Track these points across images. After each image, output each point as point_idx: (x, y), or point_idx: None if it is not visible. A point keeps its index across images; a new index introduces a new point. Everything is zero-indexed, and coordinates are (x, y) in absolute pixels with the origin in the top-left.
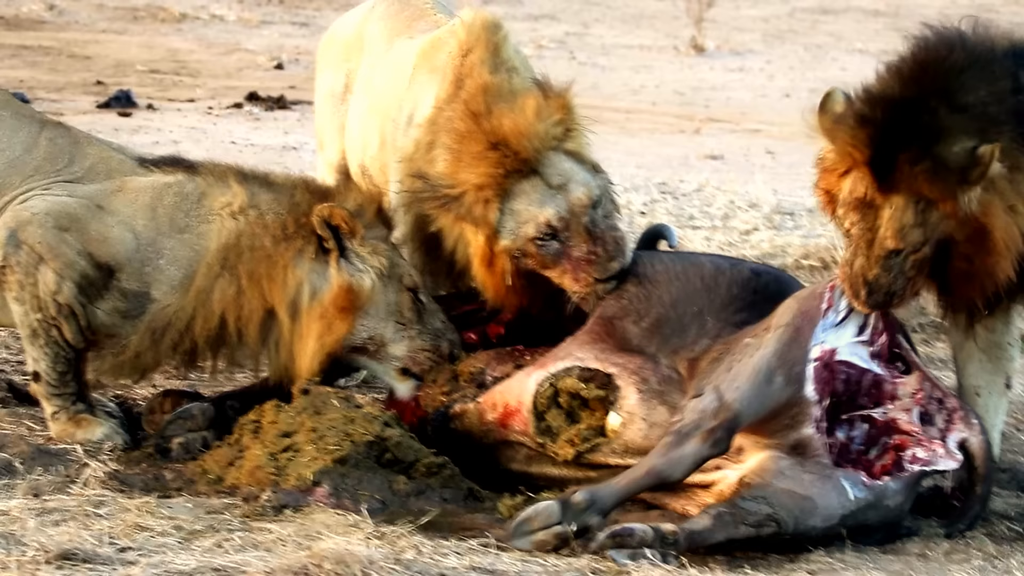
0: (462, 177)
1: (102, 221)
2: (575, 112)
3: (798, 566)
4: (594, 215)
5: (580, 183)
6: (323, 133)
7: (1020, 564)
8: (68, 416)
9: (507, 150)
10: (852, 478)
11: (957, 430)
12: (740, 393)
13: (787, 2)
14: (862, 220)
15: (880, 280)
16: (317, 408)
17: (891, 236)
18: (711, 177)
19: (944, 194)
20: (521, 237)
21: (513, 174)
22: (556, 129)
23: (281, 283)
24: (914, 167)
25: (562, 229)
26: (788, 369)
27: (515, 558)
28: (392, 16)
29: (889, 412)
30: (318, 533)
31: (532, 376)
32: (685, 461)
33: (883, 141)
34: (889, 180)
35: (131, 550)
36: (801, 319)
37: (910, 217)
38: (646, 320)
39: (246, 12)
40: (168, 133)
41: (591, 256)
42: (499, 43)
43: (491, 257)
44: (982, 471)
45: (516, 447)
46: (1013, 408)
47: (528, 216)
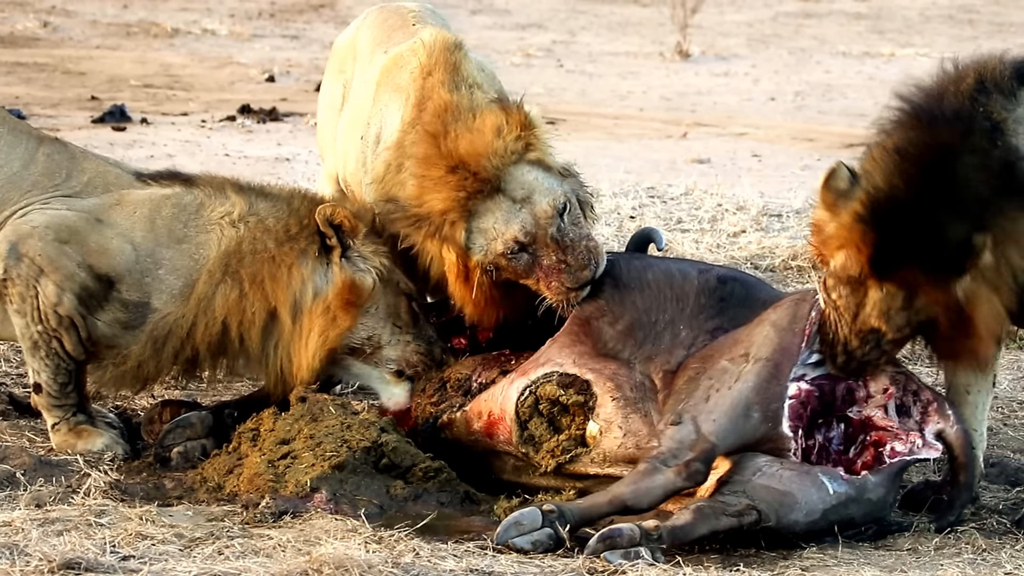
0: (427, 201)
1: (101, 233)
2: (536, 123)
3: (791, 563)
4: (561, 224)
5: (544, 193)
6: (323, 144)
7: (1010, 557)
8: (69, 427)
9: (466, 171)
10: (830, 473)
11: (933, 421)
12: (717, 426)
13: (770, 6)
14: (851, 295)
15: (857, 353)
16: (314, 415)
17: (876, 317)
18: (698, 181)
19: (937, 285)
20: (491, 253)
21: (475, 195)
22: (516, 144)
23: (285, 283)
24: (912, 267)
25: (530, 243)
26: (765, 406)
27: (512, 560)
28: (379, 25)
29: (864, 411)
30: (317, 539)
31: (514, 384)
32: (655, 492)
33: (885, 245)
34: (886, 274)
35: (133, 558)
36: (781, 355)
37: (898, 302)
38: (620, 323)
39: (238, 26)
40: (163, 147)
41: (560, 265)
42: (458, 62)
43: (466, 272)
44: (962, 460)
45: (504, 457)
46: (999, 403)
47: (495, 233)
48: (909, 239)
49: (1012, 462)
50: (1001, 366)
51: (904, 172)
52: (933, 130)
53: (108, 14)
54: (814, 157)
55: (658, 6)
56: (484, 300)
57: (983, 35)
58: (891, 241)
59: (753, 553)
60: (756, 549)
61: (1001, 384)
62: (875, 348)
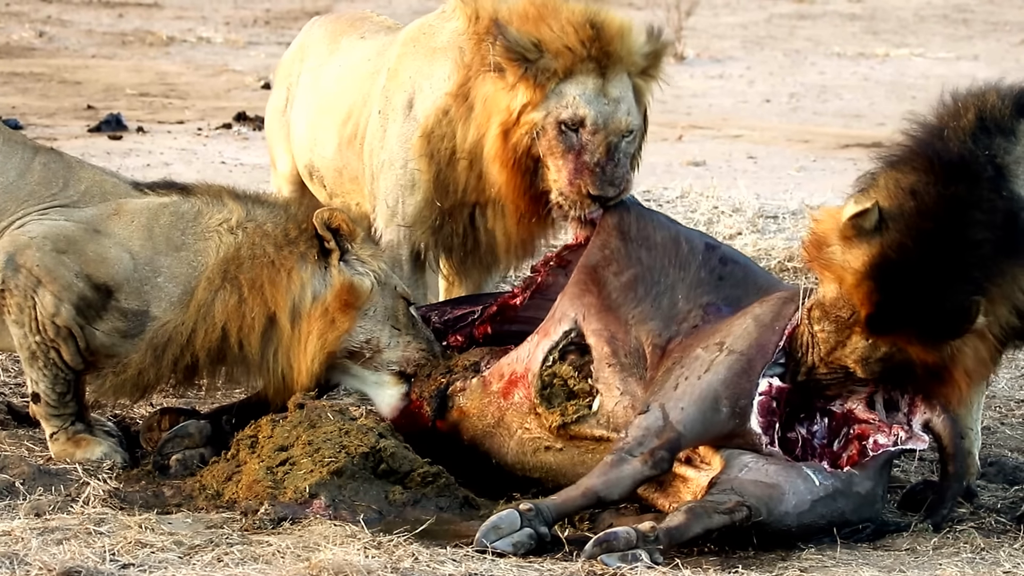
0: (545, 36)
1: (99, 243)
2: (661, 63)
3: (790, 564)
4: (620, 141)
5: (629, 111)
6: (273, 149)
7: (1008, 556)
8: (67, 436)
9: (601, 35)
10: (814, 467)
11: (920, 412)
12: (685, 416)
13: (765, 8)
14: (834, 333)
15: (821, 380)
16: (312, 421)
17: (853, 361)
18: (694, 183)
19: (928, 348)
20: (552, 116)
21: (588, 61)
22: (644, 61)
23: (284, 287)
24: (908, 332)
25: (591, 131)
26: (734, 401)
27: (511, 564)
28: (332, 22)
29: (846, 404)
30: (316, 544)
31: (540, 346)
32: (624, 482)
33: (888, 307)
34: (880, 333)
35: (133, 566)
36: (756, 351)
37: (879, 354)
38: (625, 275)
39: (233, 34)
40: (159, 155)
41: (596, 168)
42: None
43: (513, 125)
44: (950, 450)
45: (508, 432)
46: (997, 402)
47: (571, 103)
48: (913, 305)
49: (1010, 461)
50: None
51: (919, 230)
52: (946, 180)
53: (103, 23)
54: (809, 158)
55: (653, 8)
56: (512, 163)
57: (978, 35)
58: (894, 303)
59: (752, 555)
60: (754, 551)
61: (999, 383)
62: (840, 380)
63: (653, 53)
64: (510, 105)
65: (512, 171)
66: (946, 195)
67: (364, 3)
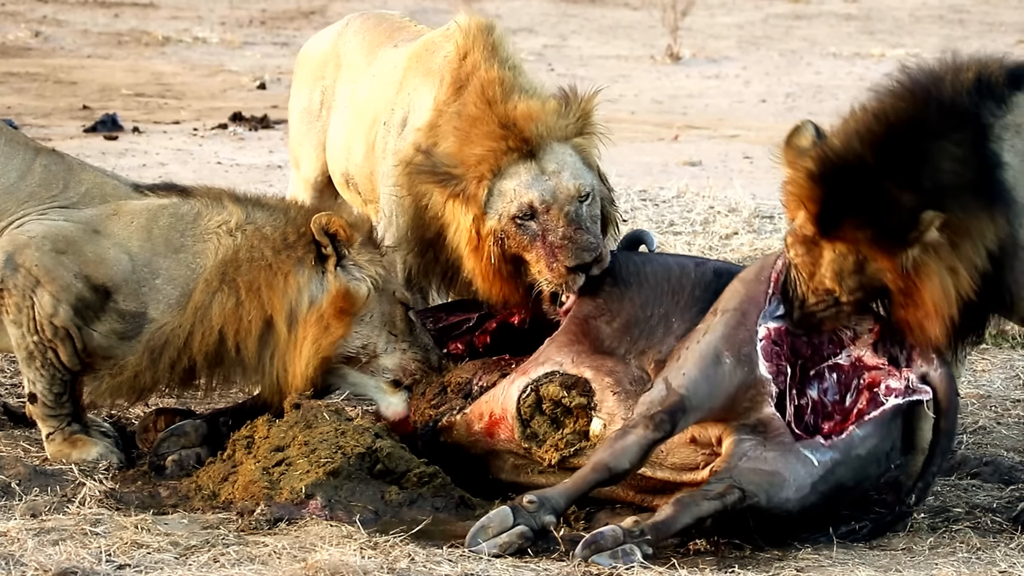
0: (465, 152)
1: (98, 244)
2: (593, 119)
3: (786, 563)
4: (579, 207)
5: (574, 175)
6: (298, 150)
7: (1004, 556)
8: (64, 437)
9: (514, 130)
10: (812, 445)
11: (917, 365)
12: (686, 378)
13: (761, 9)
14: (807, 255)
15: (814, 310)
16: (308, 422)
17: (829, 278)
18: (690, 183)
19: (883, 253)
20: (504, 217)
21: (511, 152)
22: (568, 127)
23: (281, 291)
24: (857, 231)
25: (542, 212)
26: (736, 351)
27: (507, 564)
28: (369, 30)
29: (853, 352)
30: (313, 545)
31: (515, 383)
32: (630, 450)
33: (831, 203)
34: (832, 234)
35: (129, 567)
36: (748, 303)
37: (849, 265)
38: (618, 320)
39: (228, 34)
40: (155, 155)
41: (565, 241)
42: (496, 43)
43: (477, 240)
44: (945, 404)
45: (504, 457)
46: (993, 402)
47: (513, 196)
48: (854, 200)
49: (1006, 461)
50: (994, 365)
51: (869, 133)
52: (923, 108)
53: (99, 23)
54: None
55: (648, 9)
56: (493, 273)
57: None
58: (836, 199)
59: (748, 554)
60: (751, 550)
61: (994, 383)
62: (832, 307)
63: (579, 116)
64: (466, 223)
65: (497, 281)
66: (914, 116)
67: (360, 4)
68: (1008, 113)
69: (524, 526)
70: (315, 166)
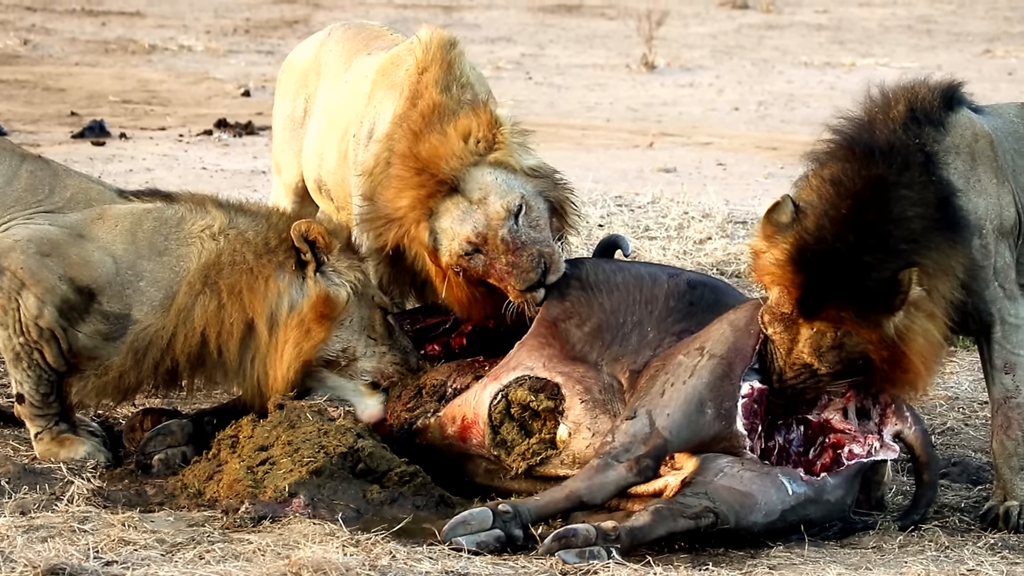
0: (396, 201)
1: (82, 247)
2: (503, 123)
3: (759, 562)
4: (514, 225)
5: (500, 194)
6: (281, 157)
7: (972, 554)
8: (52, 436)
9: (428, 173)
10: (790, 474)
11: (891, 423)
12: (671, 421)
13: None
14: (784, 332)
15: (794, 384)
16: (292, 422)
17: (808, 353)
18: (665, 189)
19: (868, 327)
20: (453, 254)
21: (434, 195)
22: (477, 146)
23: (262, 295)
24: (840, 311)
25: (481, 243)
26: (719, 403)
27: (486, 562)
28: (349, 39)
29: (823, 414)
30: (296, 542)
31: (487, 388)
32: (608, 487)
33: (812, 288)
34: (813, 315)
35: (116, 563)
36: (734, 355)
37: (828, 341)
38: (588, 324)
39: (213, 42)
40: (141, 161)
41: (510, 268)
42: (453, 59)
43: (443, 275)
44: (923, 460)
45: (477, 461)
46: (961, 404)
47: (452, 234)
48: (836, 280)
49: (973, 461)
50: (962, 368)
51: (837, 210)
52: (869, 163)
53: (87, 32)
54: (777, 165)
55: (624, 19)
56: (465, 298)
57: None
58: (818, 282)
59: (722, 552)
60: (724, 548)
61: (962, 385)
62: (810, 379)
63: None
64: (428, 262)
65: (475, 304)
66: (867, 176)
67: (342, 13)
68: (947, 135)
69: (500, 531)
70: (296, 173)
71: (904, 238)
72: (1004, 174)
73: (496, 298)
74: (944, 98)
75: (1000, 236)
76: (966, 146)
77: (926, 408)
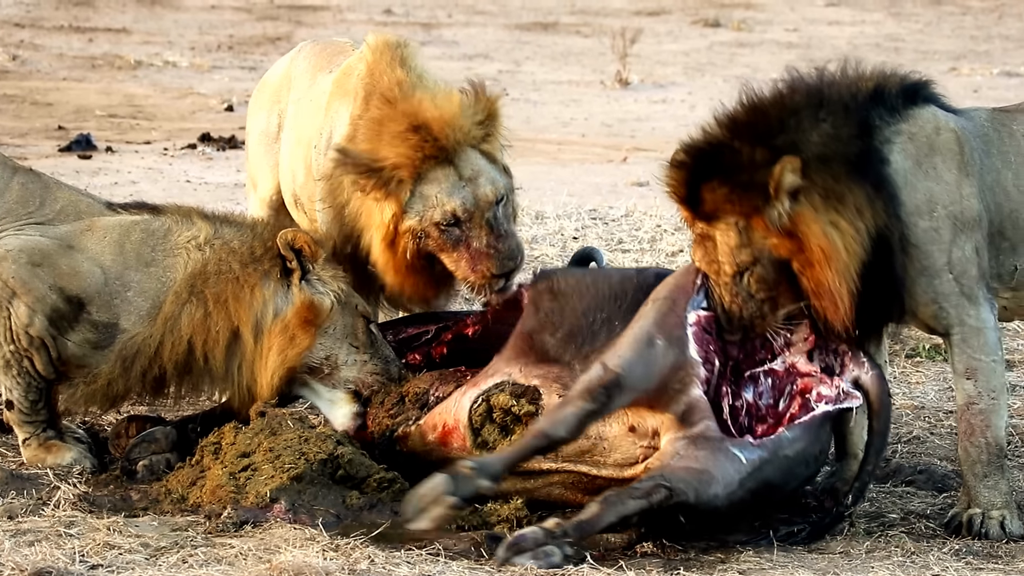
0: (382, 153)
1: (72, 257)
2: (499, 117)
3: (729, 567)
4: (497, 212)
5: (489, 180)
6: (256, 171)
7: (937, 559)
8: (39, 442)
9: (428, 135)
10: (740, 443)
11: (849, 370)
12: (622, 359)
13: (706, 37)
14: (705, 254)
15: (733, 307)
16: (273, 429)
17: (725, 261)
18: (638, 203)
19: (750, 210)
20: (427, 220)
21: (430, 159)
22: (478, 129)
23: (247, 303)
24: (715, 193)
25: (466, 219)
26: (668, 333)
27: (463, 566)
28: (315, 55)
29: (787, 359)
30: (277, 547)
31: (467, 395)
32: (568, 419)
33: (690, 180)
34: (701, 211)
35: (102, 567)
36: (677, 292)
37: (733, 239)
38: (561, 331)
39: (198, 58)
40: (127, 174)
41: (489, 250)
42: (404, 56)
43: (394, 236)
44: (876, 407)
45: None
46: (927, 413)
47: (436, 202)
48: (709, 168)
49: (939, 469)
50: (928, 378)
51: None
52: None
53: (74, 47)
54: None
55: (599, 37)
56: (405, 268)
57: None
58: (694, 174)
59: (692, 556)
60: (696, 552)
61: (928, 395)
62: (747, 297)
63: (486, 117)
64: (383, 218)
65: (409, 275)
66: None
67: (324, 29)
68: (903, 122)
69: (456, 496)
70: (271, 186)
71: (791, 144)
72: (969, 169)
73: (429, 275)
74: (904, 91)
75: (959, 228)
76: (924, 136)
77: (892, 417)
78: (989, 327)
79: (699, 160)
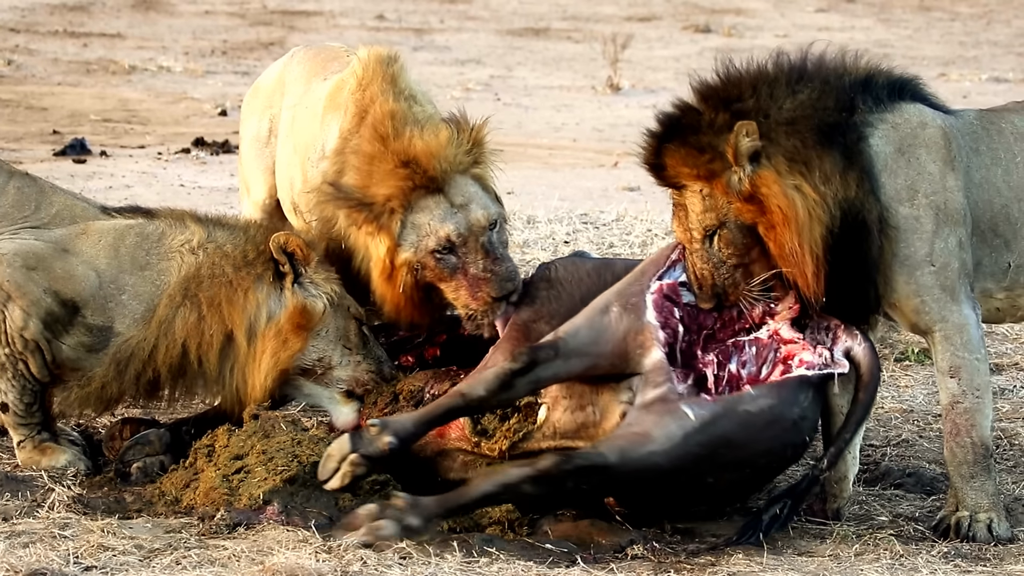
0: (372, 191)
1: (67, 261)
2: (486, 145)
3: (719, 569)
4: (492, 236)
5: (481, 205)
6: (249, 176)
7: (926, 562)
8: (34, 445)
9: (417, 167)
10: (695, 401)
11: (842, 341)
12: (572, 326)
13: (696, 42)
14: (678, 224)
15: (704, 273)
16: (266, 432)
17: (694, 226)
18: (629, 207)
19: (709, 174)
20: (422, 249)
21: (419, 189)
22: (465, 156)
23: (241, 306)
24: (673, 156)
25: (460, 245)
26: (624, 300)
27: (455, 567)
28: (309, 60)
29: (771, 327)
30: (270, 549)
31: None
32: (487, 379)
33: (656, 144)
34: (665, 176)
35: (96, 569)
36: (648, 265)
37: (698, 204)
38: (556, 320)
39: (192, 63)
40: (121, 178)
41: (487, 274)
42: (395, 74)
43: (391, 270)
44: (866, 378)
45: (453, 455)
46: (915, 416)
47: (429, 230)
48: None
49: (928, 472)
50: (917, 381)
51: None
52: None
53: (69, 52)
54: None
55: (590, 42)
56: (404, 300)
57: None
58: (659, 139)
59: (683, 559)
60: (687, 555)
61: (916, 399)
62: (718, 263)
63: (472, 145)
64: (379, 253)
65: (408, 306)
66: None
67: (317, 35)
68: (888, 112)
69: (358, 453)
70: (264, 190)
71: (754, 108)
72: (955, 164)
73: (429, 306)
74: (890, 85)
75: (942, 219)
76: (909, 128)
77: (881, 420)
78: (972, 324)
79: (666, 125)
